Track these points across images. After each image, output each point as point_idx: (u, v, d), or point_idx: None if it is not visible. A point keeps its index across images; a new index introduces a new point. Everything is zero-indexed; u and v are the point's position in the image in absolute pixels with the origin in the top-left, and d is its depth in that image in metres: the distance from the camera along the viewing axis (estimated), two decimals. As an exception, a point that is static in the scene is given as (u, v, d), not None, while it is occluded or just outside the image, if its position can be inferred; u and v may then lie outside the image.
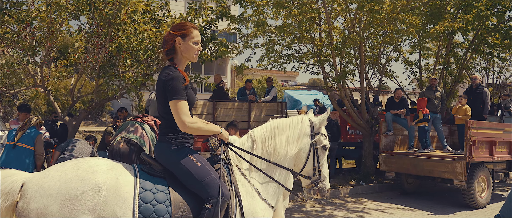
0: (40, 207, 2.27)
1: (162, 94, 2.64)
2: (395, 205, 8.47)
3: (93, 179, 2.39)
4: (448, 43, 11.73)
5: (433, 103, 9.50)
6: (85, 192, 2.33)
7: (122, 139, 6.95)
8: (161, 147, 2.71)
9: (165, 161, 2.69)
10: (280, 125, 3.03)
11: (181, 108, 2.59)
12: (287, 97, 27.96)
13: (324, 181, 3.05)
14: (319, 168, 3.03)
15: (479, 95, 9.32)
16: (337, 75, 9.66)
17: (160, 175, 2.66)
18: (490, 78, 15.80)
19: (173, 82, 2.59)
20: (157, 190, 2.55)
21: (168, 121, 2.70)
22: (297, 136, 3.01)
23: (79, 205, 2.29)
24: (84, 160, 2.51)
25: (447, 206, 8.52)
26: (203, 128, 2.71)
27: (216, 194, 2.56)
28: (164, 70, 2.67)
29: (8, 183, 2.36)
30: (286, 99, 27.45)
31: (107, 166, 2.51)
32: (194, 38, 2.70)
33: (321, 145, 3.04)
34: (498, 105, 13.07)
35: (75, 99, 8.04)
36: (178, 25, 2.73)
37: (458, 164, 7.91)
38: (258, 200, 2.83)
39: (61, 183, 2.33)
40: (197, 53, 2.75)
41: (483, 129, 8.21)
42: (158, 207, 2.48)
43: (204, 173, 2.62)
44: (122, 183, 2.45)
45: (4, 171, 2.47)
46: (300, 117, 3.10)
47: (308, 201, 3.18)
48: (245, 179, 2.86)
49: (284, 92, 30.83)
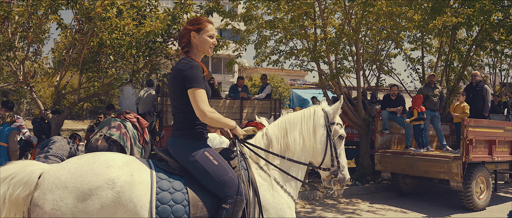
0: (56, 198, 2.29)
1: (179, 83, 2.59)
2: (388, 207, 8.14)
3: (108, 174, 2.38)
4: (451, 39, 11.31)
5: (432, 101, 9.13)
6: (100, 187, 2.33)
7: (101, 136, 6.79)
8: (176, 143, 2.65)
9: (181, 158, 2.63)
10: (292, 120, 2.97)
11: (201, 96, 2.54)
12: (295, 96, 27.66)
13: (343, 171, 3.02)
14: (337, 159, 2.99)
15: (479, 92, 8.91)
16: (332, 72, 9.35)
17: (177, 173, 2.61)
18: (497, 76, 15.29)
19: (192, 71, 2.55)
20: (174, 190, 2.50)
21: (184, 113, 2.65)
22: (312, 129, 2.95)
23: (93, 199, 2.30)
24: (101, 154, 2.51)
25: (444, 208, 8.16)
26: (220, 119, 2.66)
27: (234, 194, 2.53)
28: (181, 60, 2.65)
29: (26, 173, 2.38)
30: (294, 98, 27.13)
31: (123, 162, 2.48)
32: (209, 32, 2.70)
33: (337, 135, 3.00)
34: (505, 103, 12.60)
35: (60, 96, 7.91)
36: (193, 20, 2.74)
37: (454, 164, 7.54)
38: (281, 192, 2.81)
39: (76, 176, 2.34)
40: (212, 47, 2.73)
41: (481, 127, 7.82)
42: (176, 207, 2.45)
43: (222, 172, 2.57)
44: (137, 180, 2.42)
45: (23, 162, 2.49)
46: (312, 109, 3.03)
47: (329, 192, 3.15)
48: (264, 173, 2.83)
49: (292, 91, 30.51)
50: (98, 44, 6.97)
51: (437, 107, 9.16)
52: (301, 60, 10.50)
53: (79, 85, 7.60)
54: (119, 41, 6.97)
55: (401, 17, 9.18)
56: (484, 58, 13.79)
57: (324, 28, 9.15)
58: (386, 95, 9.67)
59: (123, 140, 6.85)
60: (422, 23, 9.67)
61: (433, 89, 9.20)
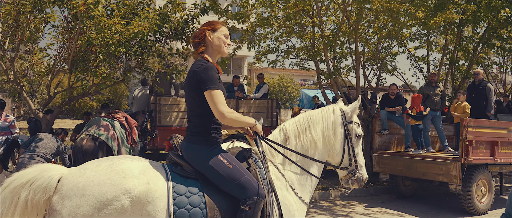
0: (74, 205, 2.33)
1: (194, 86, 2.59)
2: (385, 209, 7.87)
3: (124, 185, 2.39)
4: (457, 36, 10.94)
5: (433, 100, 8.81)
6: (116, 197, 2.36)
7: (87, 136, 6.72)
8: (191, 149, 2.66)
9: (196, 164, 2.65)
10: (313, 118, 2.99)
11: (218, 97, 2.55)
12: (304, 96, 27.45)
13: (361, 170, 3.04)
14: (355, 158, 3.01)
15: (482, 91, 8.55)
16: (329, 71, 9.12)
17: (192, 177, 2.62)
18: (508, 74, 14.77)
19: (207, 72, 2.54)
20: (190, 193, 2.52)
21: (199, 116, 2.65)
22: (331, 127, 2.98)
23: (109, 210, 2.34)
24: (118, 163, 2.51)
25: (443, 211, 7.86)
26: (240, 118, 2.68)
27: (252, 195, 2.54)
28: (196, 62, 2.65)
29: (45, 178, 2.42)
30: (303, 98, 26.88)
31: (139, 170, 2.49)
32: (224, 32, 2.74)
33: (355, 134, 3.03)
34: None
35: (51, 95, 7.88)
36: (208, 22, 2.80)
37: (453, 166, 7.23)
38: (292, 195, 2.83)
39: (94, 184, 2.37)
40: (227, 46, 2.76)
41: (482, 128, 7.49)
42: (193, 211, 2.47)
43: (237, 174, 2.58)
44: (153, 188, 2.44)
45: (41, 166, 2.54)
46: (331, 108, 3.06)
47: (347, 192, 3.13)
48: (279, 173, 2.85)
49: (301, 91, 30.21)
50: (86, 43, 6.91)
51: (439, 106, 8.83)
52: (299, 59, 10.28)
53: (69, 84, 7.55)
54: (107, 40, 6.89)
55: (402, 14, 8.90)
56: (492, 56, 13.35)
57: (321, 26, 8.93)
58: (385, 95, 9.38)
59: (111, 140, 6.76)
60: (424, 20, 9.38)
61: (434, 88, 8.87)
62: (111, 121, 7.05)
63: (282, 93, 33.85)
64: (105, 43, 6.92)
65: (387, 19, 8.79)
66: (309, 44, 9.33)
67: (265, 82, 10.42)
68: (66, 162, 6.62)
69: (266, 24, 8.68)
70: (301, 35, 8.98)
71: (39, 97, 14.74)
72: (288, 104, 32.97)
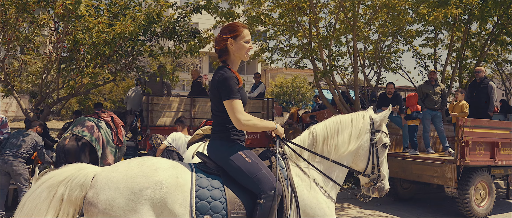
0: (108, 198, 2.46)
1: (216, 93, 2.72)
2: (378, 213, 7.60)
3: (156, 176, 2.52)
4: (464, 33, 10.50)
5: (432, 100, 8.45)
6: (148, 187, 2.48)
7: (70, 136, 6.70)
8: (213, 145, 2.81)
9: (217, 158, 2.77)
10: (344, 122, 3.03)
11: (236, 107, 2.66)
12: (318, 96, 27.03)
13: (384, 180, 3.06)
14: (378, 167, 3.03)
15: (483, 90, 8.13)
16: (324, 69, 8.89)
17: (215, 173, 2.73)
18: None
19: (227, 82, 2.66)
20: (212, 188, 2.62)
21: (220, 118, 2.77)
22: (358, 133, 3.01)
23: (142, 200, 2.46)
24: (148, 158, 2.68)
25: (440, 215, 7.53)
26: (258, 125, 2.77)
27: (267, 189, 2.61)
28: (218, 71, 2.76)
29: (82, 176, 2.57)
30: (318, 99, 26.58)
31: (169, 165, 2.64)
32: (245, 37, 2.78)
33: (381, 144, 3.04)
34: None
35: (43, 95, 7.94)
36: (228, 27, 2.81)
37: (448, 168, 6.91)
38: (320, 194, 2.85)
39: (127, 178, 2.51)
40: (248, 52, 2.82)
41: (481, 128, 7.11)
42: (214, 204, 2.57)
43: (255, 169, 2.67)
44: (181, 182, 2.57)
45: (77, 165, 2.69)
46: (361, 114, 3.09)
47: (366, 200, 3.15)
48: (304, 174, 2.88)
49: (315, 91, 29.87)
50: (72, 43, 6.92)
51: (439, 106, 8.46)
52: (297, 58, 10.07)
53: (57, 84, 7.57)
54: (93, 40, 6.87)
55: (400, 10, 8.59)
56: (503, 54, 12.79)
57: (316, 23, 8.71)
58: (382, 94, 9.07)
59: (95, 141, 6.73)
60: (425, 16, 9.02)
61: (433, 86, 8.51)
62: (97, 121, 7.03)
63: (296, 93, 33.59)
64: (92, 42, 6.90)
65: (385, 16, 8.50)
66: (305, 42, 9.11)
67: (262, 81, 10.25)
68: (41, 155, 6.46)
69: (258, 22, 8.51)
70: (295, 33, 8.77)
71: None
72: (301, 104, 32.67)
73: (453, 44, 10.64)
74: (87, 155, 6.64)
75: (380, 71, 10.21)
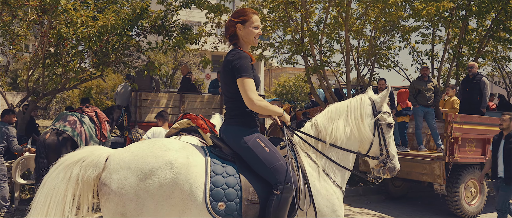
0: (121, 178, 2.51)
1: (229, 73, 2.69)
2: (367, 211, 7.45)
3: (166, 156, 2.54)
4: (461, 30, 10.29)
5: (424, 96, 8.25)
6: (159, 167, 2.50)
7: (51, 130, 6.63)
8: (230, 130, 2.76)
9: (234, 145, 2.73)
10: (338, 110, 3.01)
11: (249, 85, 2.63)
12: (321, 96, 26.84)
13: (393, 159, 3.03)
14: (386, 147, 3.00)
15: (476, 86, 7.93)
16: (315, 64, 8.76)
17: (230, 159, 2.72)
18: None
19: (241, 61, 2.65)
20: (227, 175, 2.61)
21: (235, 102, 2.74)
22: (359, 117, 2.97)
23: (153, 179, 2.48)
24: (159, 139, 2.74)
25: (429, 213, 7.37)
26: (268, 107, 2.75)
27: (284, 180, 2.60)
28: (230, 52, 2.76)
29: (95, 156, 2.62)
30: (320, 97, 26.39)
31: (179, 146, 2.65)
32: (254, 23, 2.77)
33: (385, 123, 3.01)
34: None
35: (30, 90, 7.89)
36: (238, 12, 2.82)
37: (437, 165, 6.74)
38: (329, 182, 2.85)
39: (138, 158, 2.54)
40: (257, 37, 2.82)
41: (471, 124, 6.94)
42: (229, 191, 2.56)
43: (273, 159, 2.64)
44: (192, 163, 2.57)
45: (91, 147, 2.78)
46: (359, 98, 3.06)
47: (378, 181, 3.13)
48: (314, 163, 2.87)
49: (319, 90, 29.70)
50: (56, 37, 6.86)
51: (431, 102, 8.27)
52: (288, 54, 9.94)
53: (43, 79, 7.52)
54: (78, 34, 6.81)
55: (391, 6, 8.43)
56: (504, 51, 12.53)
57: (307, 19, 8.57)
58: (374, 89, 8.88)
59: (77, 136, 6.66)
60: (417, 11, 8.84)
61: (426, 82, 8.31)
62: (80, 116, 6.97)
63: (298, 92, 33.39)
64: (76, 37, 6.84)
65: (377, 11, 8.34)
66: (298, 38, 8.99)
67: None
68: (11, 145, 6.25)
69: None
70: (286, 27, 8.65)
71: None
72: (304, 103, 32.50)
73: (450, 41, 10.42)
74: (69, 150, 6.54)
75: (373, 68, 10.03)
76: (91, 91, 22.07)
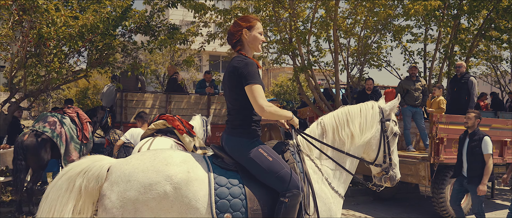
0: (121, 190, 2.52)
1: (235, 80, 2.66)
2: (353, 212, 7.35)
3: (166, 171, 2.53)
4: (453, 29, 10.18)
5: (412, 96, 8.17)
6: (158, 182, 2.50)
7: (30, 131, 6.54)
8: (232, 141, 2.75)
9: (237, 156, 2.73)
10: (352, 113, 2.98)
11: (258, 91, 2.61)
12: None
13: (395, 169, 3.05)
14: (389, 155, 3.01)
15: (464, 85, 7.82)
16: (303, 64, 8.66)
17: (233, 169, 2.71)
18: None
19: (248, 67, 2.62)
20: (231, 185, 2.60)
21: (239, 110, 2.72)
22: (369, 123, 2.98)
23: (152, 194, 2.49)
24: (161, 152, 2.70)
25: (416, 214, 7.26)
26: (278, 111, 2.73)
27: (292, 188, 2.60)
28: (235, 58, 2.73)
29: (98, 168, 2.63)
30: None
31: (181, 159, 2.63)
32: (259, 29, 2.78)
33: (392, 132, 3.03)
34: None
35: (13, 90, 7.81)
36: (243, 18, 2.82)
37: (422, 166, 6.64)
38: (328, 188, 2.85)
39: (139, 171, 2.55)
40: (261, 43, 2.82)
41: (457, 124, 6.82)
42: (234, 201, 2.56)
43: (277, 167, 2.64)
44: (193, 177, 2.55)
45: (93, 157, 2.75)
46: (370, 104, 3.07)
47: (379, 189, 3.13)
48: (316, 167, 2.88)
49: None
50: (37, 37, 6.78)
51: (420, 102, 8.18)
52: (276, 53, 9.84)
53: (25, 80, 7.44)
54: (58, 34, 6.73)
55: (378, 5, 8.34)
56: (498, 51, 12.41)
57: (294, 18, 8.48)
58: (361, 90, 8.81)
59: (57, 137, 6.58)
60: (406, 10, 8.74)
61: (414, 82, 8.24)
62: (61, 117, 6.89)
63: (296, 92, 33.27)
64: (57, 37, 6.76)
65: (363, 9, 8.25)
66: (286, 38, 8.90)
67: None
68: None
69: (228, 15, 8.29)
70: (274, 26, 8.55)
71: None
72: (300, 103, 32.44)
73: (441, 40, 10.32)
74: (48, 151, 6.49)
75: (363, 68, 9.93)
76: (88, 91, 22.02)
